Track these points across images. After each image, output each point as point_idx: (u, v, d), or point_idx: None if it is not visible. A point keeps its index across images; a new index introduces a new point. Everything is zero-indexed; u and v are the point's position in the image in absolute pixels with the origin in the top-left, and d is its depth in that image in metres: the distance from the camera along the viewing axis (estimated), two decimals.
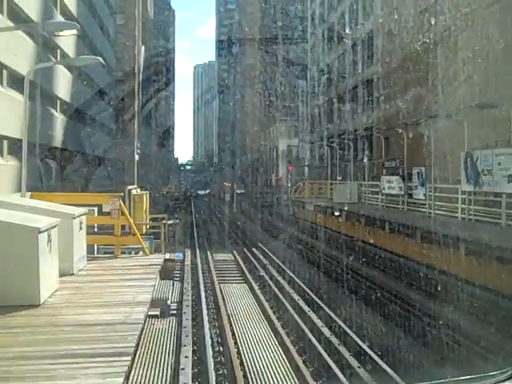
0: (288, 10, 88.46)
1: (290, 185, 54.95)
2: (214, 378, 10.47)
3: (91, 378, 5.71)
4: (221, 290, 18.34)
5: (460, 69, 26.96)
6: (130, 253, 16.20)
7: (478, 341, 12.53)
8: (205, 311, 15.54)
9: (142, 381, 8.27)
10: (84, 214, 12.35)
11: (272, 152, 75.40)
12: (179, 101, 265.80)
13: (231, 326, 14.04)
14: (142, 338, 8.62)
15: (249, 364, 11.21)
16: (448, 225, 21.39)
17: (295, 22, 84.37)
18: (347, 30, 51.60)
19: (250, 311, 15.65)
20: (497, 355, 10.74)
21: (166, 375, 8.74)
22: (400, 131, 33.98)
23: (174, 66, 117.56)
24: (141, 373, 8.48)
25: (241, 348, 12.24)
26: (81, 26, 42.43)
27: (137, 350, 7.46)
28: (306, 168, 63.41)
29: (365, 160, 43.46)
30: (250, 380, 10.44)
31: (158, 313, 12.84)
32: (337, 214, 31.61)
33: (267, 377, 10.49)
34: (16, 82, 30.90)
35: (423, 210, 27.07)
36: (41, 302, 8.69)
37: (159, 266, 13.00)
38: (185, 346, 11.35)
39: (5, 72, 28.97)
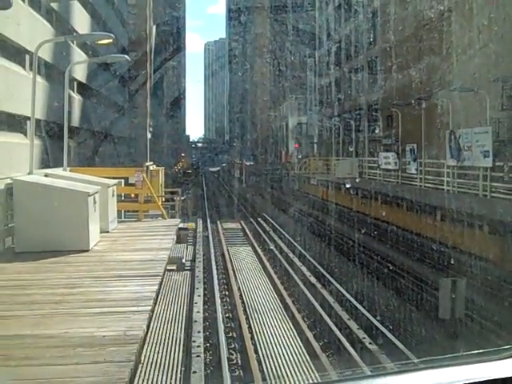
0: None
1: (296, 161, 57.71)
2: (220, 311, 13.40)
3: (135, 286, 8.65)
4: (228, 251, 21.35)
5: (475, 37, 27.41)
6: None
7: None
8: (214, 266, 18.53)
9: (171, 290, 11.42)
10: (115, 185, 15.29)
11: (282, 128, 77.13)
12: (190, 77, 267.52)
13: (235, 277, 17.01)
14: (166, 272, 11.50)
15: (249, 302, 14.17)
16: (430, 196, 24.20)
17: None
18: None
19: (251, 266, 18.69)
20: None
21: (185, 294, 11.80)
22: (396, 110, 36.56)
23: (185, 42, 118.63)
24: (169, 286, 11.71)
25: (243, 292, 15.21)
26: (95, 9, 44.86)
27: (164, 275, 10.39)
28: (315, 145, 65.76)
29: (371, 136, 45.86)
30: (249, 314, 13.34)
31: (174, 268, 15.79)
32: (337, 187, 34.42)
33: (262, 311, 13.43)
34: (38, 65, 33.31)
35: (415, 183, 29.70)
36: (90, 248, 11.63)
37: (176, 226, 15.97)
38: (197, 288, 14.26)
39: (27, 56, 31.47)
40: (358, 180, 32.60)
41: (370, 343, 10.94)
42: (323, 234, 25.51)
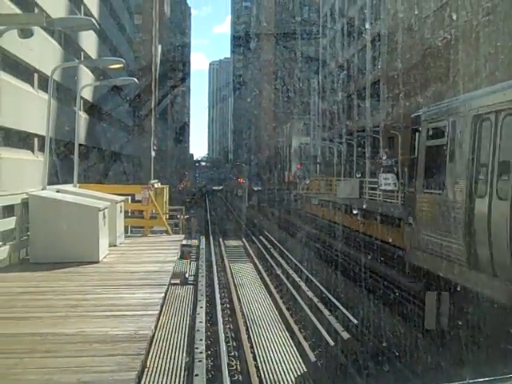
0: (306, 5, 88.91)
1: (298, 181, 58.62)
2: (221, 321, 14.06)
3: (144, 293, 9.38)
4: (230, 267, 22.08)
5: (482, 65, 27.42)
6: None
7: None
8: (216, 281, 19.21)
9: (176, 299, 12.14)
10: (123, 201, 16.07)
11: (286, 149, 78.00)
12: (195, 97, 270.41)
13: (237, 291, 17.72)
14: (170, 286, 12.21)
15: (249, 314, 14.86)
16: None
17: (313, 17, 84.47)
18: (366, 25, 52.48)
19: (252, 281, 19.44)
20: None
21: (189, 305, 12.50)
22: (396, 132, 37.38)
23: (190, 63, 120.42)
24: (174, 295, 12.41)
25: (243, 305, 15.93)
26: (102, 28, 45.87)
27: (169, 285, 11.11)
28: (318, 165, 66.58)
29: (372, 158, 46.73)
30: (249, 325, 14.00)
31: (178, 281, 16.50)
32: (338, 208, 35.16)
33: (262, 322, 14.12)
34: (46, 83, 34.06)
35: None
36: (99, 260, 12.35)
37: (180, 242, 16.73)
38: (200, 300, 14.94)
39: (36, 75, 32.34)
40: (365, 206, 33.16)
41: None
42: (321, 251, 26.37)
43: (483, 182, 9.18)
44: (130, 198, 18.53)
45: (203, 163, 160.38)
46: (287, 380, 10.15)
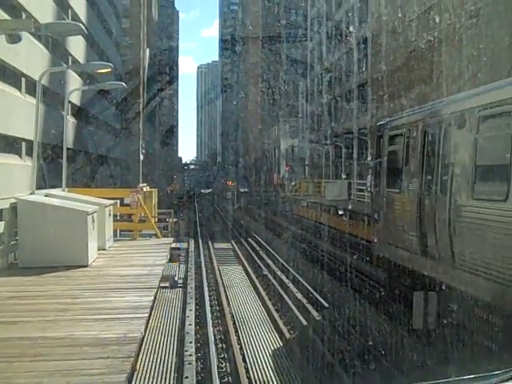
0: (292, 8, 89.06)
1: (286, 183, 58.72)
2: (211, 324, 14.11)
3: (134, 297, 9.47)
4: (219, 269, 22.13)
5: (465, 67, 27.43)
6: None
7: None
8: (205, 283, 19.26)
9: (165, 302, 12.21)
10: (112, 205, 16.11)
11: (274, 151, 78.00)
12: (183, 100, 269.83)
13: (226, 293, 17.77)
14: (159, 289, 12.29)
15: (238, 316, 14.92)
16: None
17: (299, 20, 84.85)
18: (351, 28, 52.48)
19: (241, 282, 19.53)
20: None
21: (178, 308, 12.57)
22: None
23: (178, 66, 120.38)
24: (163, 299, 12.48)
25: (232, 307, 15.98)
26: (90, 32, 45.81)
27: (158, 289, 11.19)
28: (306, 167, 66.66)
29: (360, 159, 46.90)
30: (238, 326, 14.06)
31: (167, 284, 16.56)
32: (326, 209, 35.27)
33: (251, 324, 14.18)
34: (33, 88, 33.97)
35: None
36: (88, 264, 12.40)
37: (169, 245, 16.80)
38: (189, 303, 15.01)
39: (23, 80, 32.24)
40: (350, 207, 33.31)
41: None
42: (307, 251, 26.54)
43: (430, 181, 10.53)
44: (118, 201, 18.57)
45: (192, 166, 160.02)
46: (276, 380, 10.22)
